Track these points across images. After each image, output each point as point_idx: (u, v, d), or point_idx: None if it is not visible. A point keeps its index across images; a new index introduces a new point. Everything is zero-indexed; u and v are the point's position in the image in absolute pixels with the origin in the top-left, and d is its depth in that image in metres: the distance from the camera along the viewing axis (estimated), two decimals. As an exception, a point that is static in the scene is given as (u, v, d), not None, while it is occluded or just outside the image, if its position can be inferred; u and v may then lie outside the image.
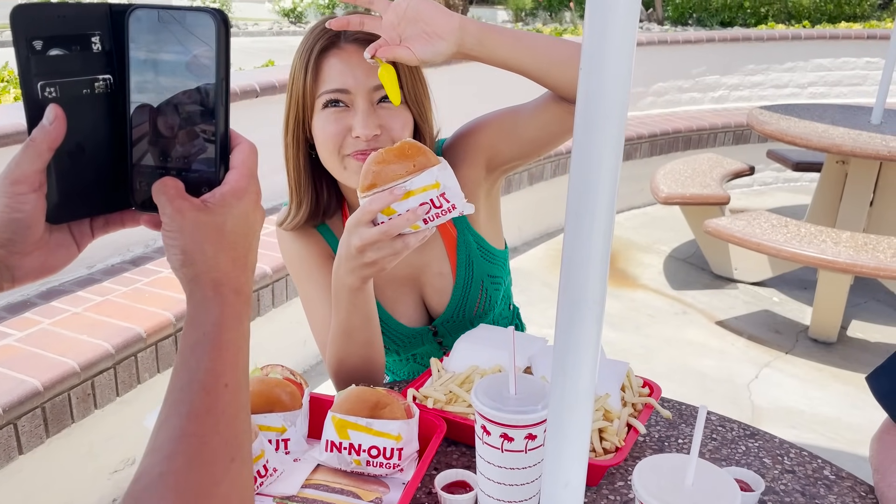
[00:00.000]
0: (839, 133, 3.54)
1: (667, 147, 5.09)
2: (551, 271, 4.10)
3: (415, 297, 1.38)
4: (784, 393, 3.02)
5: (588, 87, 0.62)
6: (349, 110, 1.18)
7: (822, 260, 3.03)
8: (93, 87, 0.61)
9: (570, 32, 6.87)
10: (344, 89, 1.17)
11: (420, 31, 1.09)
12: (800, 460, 1.10)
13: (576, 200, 0.65)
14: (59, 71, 0.59)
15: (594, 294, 0.67)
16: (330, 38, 1.17)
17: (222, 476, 0.55)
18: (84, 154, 0.61)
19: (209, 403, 0.56)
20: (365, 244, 1.02)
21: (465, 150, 1.31)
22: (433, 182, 1.01)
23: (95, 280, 2.59)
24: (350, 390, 1.05)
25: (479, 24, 1.11)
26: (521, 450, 0.89)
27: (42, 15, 0.58)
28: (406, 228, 1.02)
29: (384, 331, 1.35)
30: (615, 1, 0.59)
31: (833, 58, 6.07)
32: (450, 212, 1.03)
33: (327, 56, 1.17)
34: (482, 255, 1.36)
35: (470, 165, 1.30)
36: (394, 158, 1.01)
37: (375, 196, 1.01)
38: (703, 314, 3.67)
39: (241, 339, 0.61)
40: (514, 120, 1.27)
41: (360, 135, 1.15)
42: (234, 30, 14.75)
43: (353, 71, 1.15)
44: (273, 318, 2.81)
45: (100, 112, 0.62)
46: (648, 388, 1.18)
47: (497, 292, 1.40)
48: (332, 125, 1.18)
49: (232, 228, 0.61)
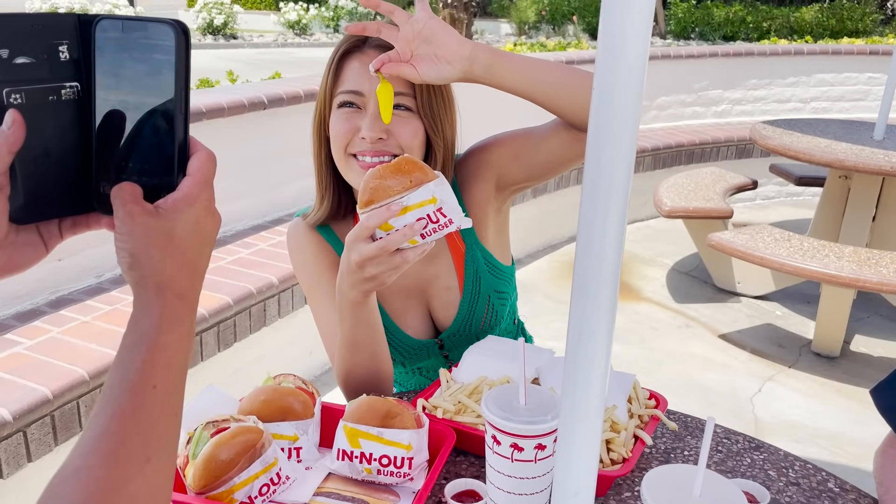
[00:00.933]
0: (842, 148, 3.57)
1: (670, 161, 5.12)
2: (555, 283, 4.12)
3: (422, 309, 1.39)
4: (787, 407, 3.02)
5: (600, 105, 0.64)
6: (361, 112, 1.21)
7: (826, 274, 3.04)
8: (59, 94, 0.63)
9: (575, 46, 6.91)
10: (358, 91, 1.20)
11: (430, 52, 1.12)
12: (804, 473, 1.11)
13: (588, 212, 0.67)
14: (26, 78, 0.61)
15: (605, 306, 0.69)
16: (355, 41, 1.21)
17: (134, 475, 0.56)
18: (50, 158, 0.63)
19: (134, 405, 0.57)
20: (364, 259, 1.04)
21: (476, 167, 1.34)
22: (430, 197, 1.02)
23: (104, 289, 2.61)
24: (361, 400, 1.06)
25: (491, 52, 1.14)
26: (531, 459, 0.90)
27: (10, 24, 0.60)
28: (404, 243, 1.03)
29: (390, 342, 1.36)
30: (628, 21, 0.61)
31: (836, 73, 6.11)
32: (447, 226, 1.04)
33: (350, 58, 1.22)
34: (490, 270, 1.38)
35: (480, 183, 1.33)
36: (391, 174, 1.03)
37: (373, 212, 1.03)
38: (707, 327, 3.69)
39: (180, 342, 0.61)
40: (525, 143, 1.29)
41: (366, 136, 1.19)
42: (240, 41, 14.85)
43: (369, 75, 1.18)
44: (279, 328, 2.83)
45: (67, 118, 0.63)
46: (655, 399, 1.20)
47: (503, 308, 1.42)
48: (343, 124, 1.21)
49: (182, 234, 0.62)
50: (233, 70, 4.93)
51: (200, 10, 14.84)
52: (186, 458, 0.97)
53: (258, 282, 2.68)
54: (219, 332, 2.52)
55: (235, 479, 0.94)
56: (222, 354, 2.57)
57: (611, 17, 0.62)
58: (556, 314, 3.72)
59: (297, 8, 15.75)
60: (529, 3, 14.14)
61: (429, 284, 1.37)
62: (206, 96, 3.17)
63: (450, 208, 1.03)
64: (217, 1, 14.90)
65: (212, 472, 0.94)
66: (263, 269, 2.79)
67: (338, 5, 15.91)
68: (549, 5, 14.00)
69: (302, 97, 3.42)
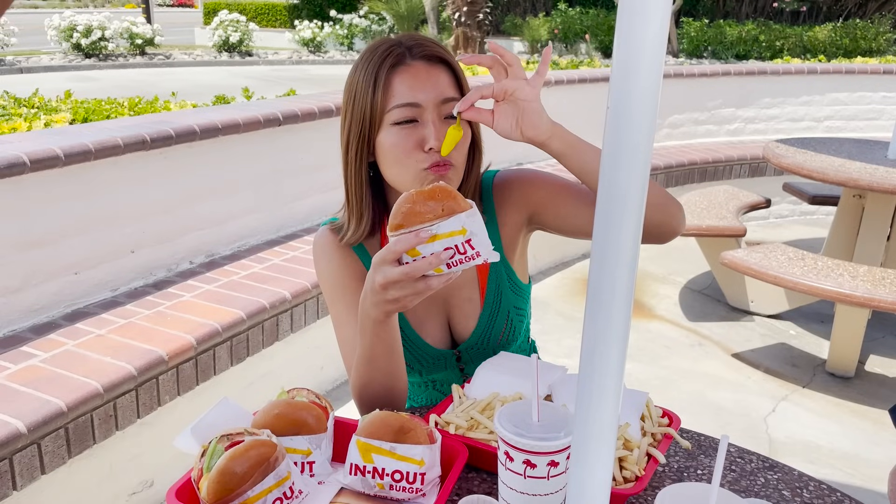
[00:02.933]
0: (856, 167, 3.56)
1: (682, 178, 5.12)
2: (566, 301, 4.11)
3: (441, 318, 1.40)
4: (801, 427, 3.00)
5: (616, 123, 0.65)
6: (418, 125, 1.21)
7: (840, 294, 3.02)
8: None
9: (587, 64, 6.93)
10: (415, 103, 1.20)
11: (515, 116, 1.17)
12: (819, 493, 1.11)
13: (602, 229, 0.67)
14: None
15: (619, 323, 0.69)
16: (397, 56, 1.21)
17: None
18: None
19: None
20: (388, 282, 1.04)
21: (515, 196, 1.37)
22: (460, 228, 1.02)
23: (119, 303, 2.63)
24: (374, 415, 1.07)
25: (563, 143, 1.19)
26: (544, 476, 0.90)
27: None
28: (429, 271, 1.04)
29: (409, 349, 1.37)
30: (642, 40, 0.62)
31: (849, 92, 6.10)
32: (474, 259, 1.03)
33: (396, 72, 1.21)
34: (511, 287, 1.39)
35: (515, 213, 1.38)
36: (423, 201, 1.02)
37: (401, 237, 1.03)
38: (720, 346, 3.66)
39: None
40: (567, 200, 1.33)
41: (434, 146, 1.19)
42: (255, 58, 15.01)
43: (422, 86, 1.20)
44: (291, 343, 2.84)
45: None
46: (668, 418, 1.20)
47: (521, 324, 1.43)
48: (405, 140, 1.21)
49: None
50: (248, 87, 4.99)
51: (217, 28, 15.02)
52: (201, 470, 0.98)
53: (271, 297, 2.70)
54: (232, 346, 2.53)
55: (249, 492, 0.95)
56: (235, 368, 2.58)
57: (625, 36, 0.63)
58: (567, 331, 3.71)
59: (311, 26, 15.91)
60: (542, 21, 14.22)
61: (451, 294, 1.38)
62: (221, 112, 3.21)
63: (479, 241, 1.03)
64: (233, 19, 15.08)
65: (226, 485, 0.94)
66: (277, 284, 2.81)
67: (352, 23, 16.06)
68: (562, 24, 14.08)
69: (316, 114, 3.45)
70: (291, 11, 18.56)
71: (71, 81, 9.91)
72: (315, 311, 2.90)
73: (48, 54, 13.71)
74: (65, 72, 12.58)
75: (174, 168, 2.92)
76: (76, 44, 13.40)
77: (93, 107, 3.98)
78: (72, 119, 3.58)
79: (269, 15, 19.05)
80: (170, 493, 0.97)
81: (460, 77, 1.25)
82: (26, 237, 2.43)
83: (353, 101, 1.25)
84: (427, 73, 1.21)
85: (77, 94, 4.48)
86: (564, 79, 5.05)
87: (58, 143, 2.48)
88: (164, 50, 14.90)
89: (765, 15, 14.70)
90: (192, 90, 8.04)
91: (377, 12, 15.86)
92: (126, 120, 3.22)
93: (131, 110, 4.00)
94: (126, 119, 3.31)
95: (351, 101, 1.25)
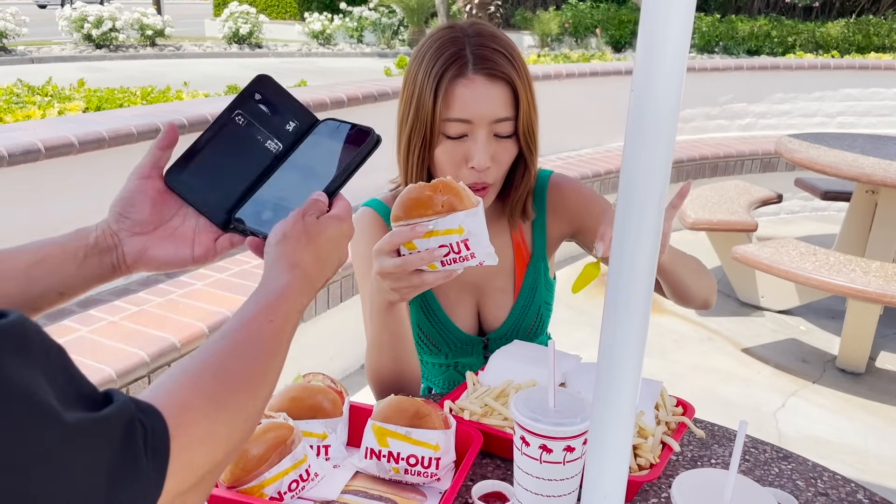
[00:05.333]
0: (869, 163, 3.53)
1: (693, 173, 5.09)
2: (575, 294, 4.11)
3: (472, 305, 1.42)
4: (811, 422, 2.99)
5: (640, 112, 0.65)
6: (467, 140, 1.22)
7: (852, 289, 3.01)
8: (265, 141, 0.85)
9: (598, 58, 6.91)
10: (468, 119, 1.21)
11: None
12: (833, 483, 1.10)
13: (623, 217, 0.67)
14: (255, 116, 0.85)
15: (638, 312, 0.69)
16: (460, 66, 1.20)
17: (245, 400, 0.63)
18: (222, 169, 0.84)
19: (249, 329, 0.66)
20: (384, 272, 1.06)
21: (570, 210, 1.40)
22: (457, 227, 1.01)
23: (132, 290, 2.65)
24: (390, 399, 1.07)
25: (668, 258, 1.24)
26: (560, 461, 0.91)
27: (274, 88, 0.87)
28: (423, 266, 1.04)
29: (439, 331, 1.39)
30: (666, 31, 0.62)
31: (862, 88, 6.05)
32: (468, 259, 1.03)
33: (456, 84, 1.20)
34: (545, 283, 1.42)
35: (567, 223, 1.41)
36: (427, 194, 1.02)
37: (399, 229, 1.03)
38: (729, 341, 3.66)
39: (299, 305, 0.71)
40: None
41: (476, 165, 1.20)
42: (265, 50, 15.02)
43: (477, 102, 1.20)
44: (302, 332, 2.83)
45: (255, 156, 0.85)
46: (682, 407, 1.20)
47: (548, 318, 1.46)
48: (452, 154, 1.23)
49: (324, 239, 0.75)
50: (259, 78, 4.99)
51: (227, 20, 15.02)
52: (218, 452, 0.99)
53: (282, 286, 2.70)
54: (243, 334, 2.54)
55: (266, 474, 0.95)
56: (246, 357, 2.59)
57: (649, 27, 0.63)
58: (576, 324, 3.71)
59: (321, 18, 15.90)
60: (552, 15, 14.16)
61: (485, 283, 1.40)
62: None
63: (476, 242, 1.02)
64: (243, 11, 15.08)
65: (243, 467, 0.95)
66: (287, 274, 2.81)
67: (362, 16, 16.02)
68: (572, 18, 14.02)
69: (328, 104, 3.46)
70: (301, 4, 18.55)
71: (81, 72, 9.93)
72: (325, 301, 2.91)
73: (59, 45, 13.76)
74: (75, 62, 12.61)
75: (186, 157, 2.92)
76: (87, 34, 13.44)
77: (106, 95, 4.00)
78: (85, 107, 3.60)
79: (280, 7, 19.05)
80: (187, 474, 0.97)
81: (519, 93, 1.23)
82: (40, 223, 2.44)
83: (415, 100, 1.24)
84: (486, 92, 1.20)
85: (88, 84, 4.49)
86: (576, 72, 5.03)
87: (72, 130, 2.49)
88: (174, 41, 14.92)
89: (777, 10, 14.59)
90: (203, 81, 8.05)
91: (387, 5, 15.83)
92: (139, 108, 3.23)
93: (144, 99, 4.01)
94: (139, 108, 3.32)
95: (413, 98, 1.24)
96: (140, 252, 0.77)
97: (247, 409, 0.61)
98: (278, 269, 0.72)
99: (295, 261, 0.72)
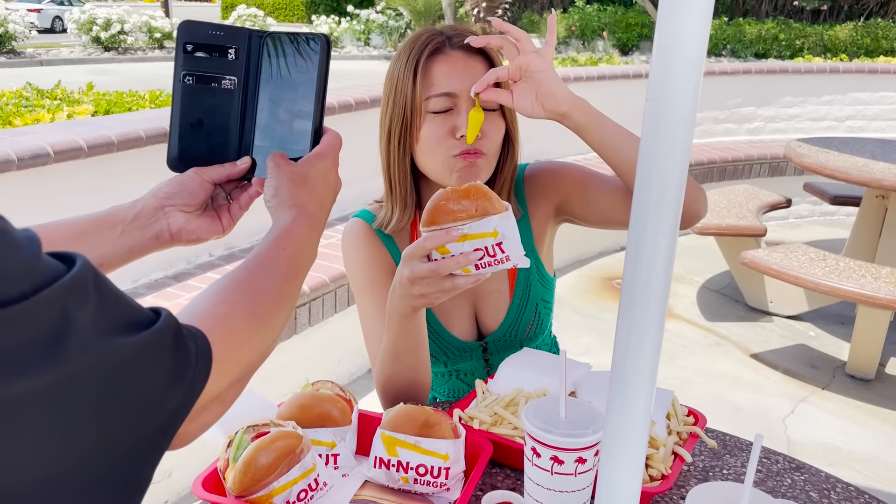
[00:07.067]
0: (879, 167, 3.51)
1: (702, 177, 5.08)
2: (583, 298, 4.10)
3: (468, 310, 1.40)
4: (820, 429, 2.97)
5: (656, 118, 0.64)
6: (453, 113, 1.23)
7: (862, 295, 2.99)
8: (220, 83, 0.87)
9: (606, 62, 6.90)
10: (451, 93, 1.22)
11: (533, 90, 1.17)
12: (846, 495, 1.09)
13: (638, 225, 0.67)
14: (199, 67, 0.86)
15: (653, 323, 0.68)
16: (436, 45, 1.23)
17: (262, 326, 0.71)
18: (202, 126, 0.88)
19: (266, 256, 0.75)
20: (415, 277, 1.04)
21: (544, 186, 1.39)
22: (491, 230, 1.01)
23: (139, 294, 2.65)
24: (399, 408, 1.07)
25: (585, 115, 1.18)
26: (571, 473, 0.90)
27: (198, 28, 0.86)
28: (457, 270, 1.03)
29: (435, 341, 1.37)
30: (683, 33, 0.61)
31: (871, 92, 6.02)
32: (503, 262, 1.02)
33: (434, 61, 1.23)
34: (539, 279, 1.39)
35: (545, 201, 1.39)
36: (458, 199, 1.02)
37: (432, 233, 1.02)
38: (738, 346, 3.64)
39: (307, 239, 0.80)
40: (594, 186, 1.34)
41: (465, 133, 1.20)
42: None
43: (458, 75, 1.21)
44: (308, 337, 2.85)
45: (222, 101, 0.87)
46: (693, 416, 1.19)
47: (548, 317, 1.43)
48: (438, 128, 1.23)
49: (313, 177, 0.83)
50: (267, 81, 5.00)
51: (235, 23, 15.09)
52: (227, 461, 0.98)
53: (290, 290, 2.70)
54: (250, 338, 2.54)
55: (275, 483, 0.95)
56: (253, 361, 2.58)
57: (666, 30, 0.62)
58: (584, 329, 3.70)
59: (328, 21, 15.94)
60: (559, 18, 14.17)
61: (480, 286, 1.37)
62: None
63: (510, 245, 1.01)
64: (251, 13, 15.14)
65: (252, 476, 0.94)
66: (295, 278, 2.81)
67: (369, 19, 16.06)
68: (579, 21, 14.02)
69: (336, 108, 3.46)
70: (309, 6, 18.60)
71: (90, 74, 9.98)
72: (333, 305, 2.91)
73: (68, 47, 13.83)
74: (84, 65, 12.67)
75: (195, 161, 2.93)
76: (95, 37, 13.51)
77: (115, 99, 4.01)
78: (94, 111, 3.61)
79: (287, 10, 19.11)
80: (196, 483, 0.97)
81: (497, 66, 1.25)
82: (49, 228, 2.44)
83: (394, 90, 1.25)
84: (464, 63, 1.22)
85: (97, 86, 4.50)
86: (584, 76, 5.02)
87: (81, 134, 2.50)
88: (182, 44, 14.97)
89: (785, 13, 14.55)
90: (211, 84, 8.07)
91: (394, 8, 15.86)
92: (148, 112, 3.24)
93: (152, 103, 4.02)
94: (148, 111, 3.33)
95: (392, 90, 1.26)
96: (183, 225, 0.88)
97: (273, 321, 0.71)
98: (280, 213, 0.81)
99: (291, 203, 0.81)
